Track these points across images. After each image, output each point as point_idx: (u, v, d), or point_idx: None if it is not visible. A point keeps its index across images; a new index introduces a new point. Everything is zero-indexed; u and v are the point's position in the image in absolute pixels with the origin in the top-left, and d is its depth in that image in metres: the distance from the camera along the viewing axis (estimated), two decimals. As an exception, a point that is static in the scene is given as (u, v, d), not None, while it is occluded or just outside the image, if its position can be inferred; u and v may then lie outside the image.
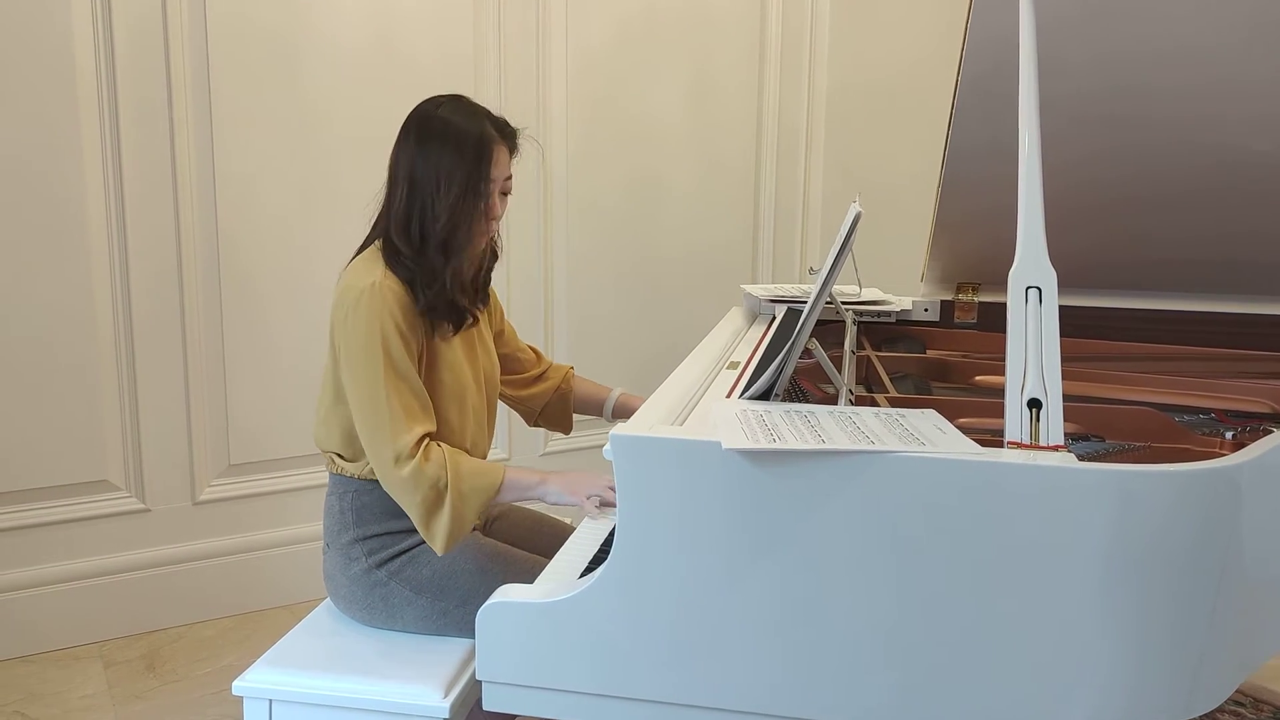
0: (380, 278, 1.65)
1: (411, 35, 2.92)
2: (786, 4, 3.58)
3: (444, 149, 1.67)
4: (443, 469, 1.61)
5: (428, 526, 1.63)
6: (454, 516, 1.62)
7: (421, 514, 1.62)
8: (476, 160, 1.67)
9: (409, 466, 1.60)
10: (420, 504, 1.61)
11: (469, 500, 1.62)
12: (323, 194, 2.85)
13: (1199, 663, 1.20)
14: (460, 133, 1.67)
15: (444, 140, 1.67)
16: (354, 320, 1.63)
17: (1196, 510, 1.16)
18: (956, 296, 2.34)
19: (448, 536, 1.63)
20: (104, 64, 2.53)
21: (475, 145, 1.67)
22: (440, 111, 1.71)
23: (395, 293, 1.64)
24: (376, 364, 1.61)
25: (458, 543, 1.66)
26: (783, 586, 1.21)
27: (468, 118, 1.70)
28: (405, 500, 1.63)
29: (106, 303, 2.62)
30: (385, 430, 1.61)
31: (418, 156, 1.68)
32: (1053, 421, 1.23)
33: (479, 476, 1.64)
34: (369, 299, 1.62)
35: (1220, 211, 1.97)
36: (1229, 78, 1.74)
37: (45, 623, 2.63)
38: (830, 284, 1.44)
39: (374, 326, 1.61)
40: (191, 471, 2.78)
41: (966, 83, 1.83)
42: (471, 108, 1.73)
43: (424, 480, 1.60)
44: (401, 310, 1.64)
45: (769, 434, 1.24)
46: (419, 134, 1.70)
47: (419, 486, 1.60)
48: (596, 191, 3.35)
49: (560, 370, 2.08)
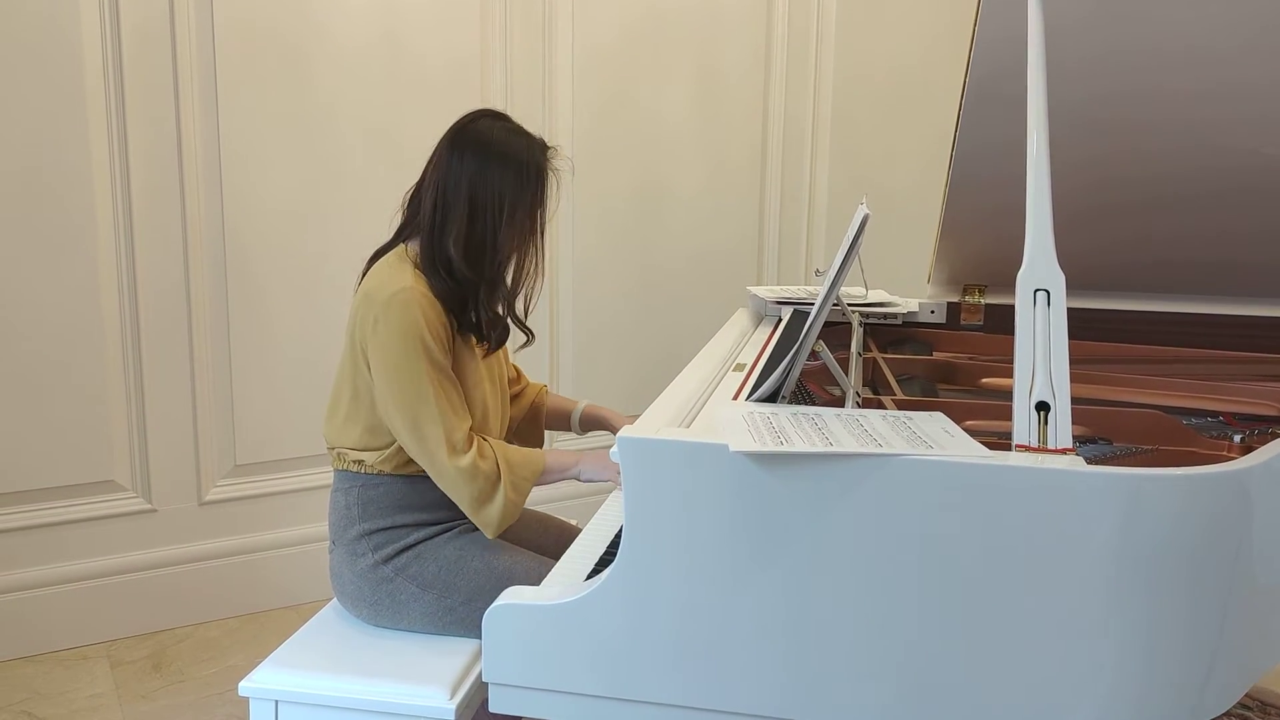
0: (411, 282, 1.67)
1: (418, 35, 2.93)
2: (792, 5, 3.57)
3: (505, 173, 1.70)
4: (494, 463, 1.68)
5: (479, 513, 1.69)
6: (508, 502, 1.68)
7: (473, 503, 1.68)
8: (537, 190, 1.73)
9: (466, 459, 1.65)
10: (475, 494, 1.67)
11: (521, 487, 1.71)
12: (329, 194, 2.86)
13: (1209, 667, 1.19)
14: (521, 161, 1.71)
15: (505, 165, 1.70)
16: (386, 322, 1.64)
17: (1206, 514, 1.16)
18: (963, 298, 2.34)
19: (501, 522, 1.69)
20: (111, 65, 2.54)
21: (537, 176, 1.73)
22: (495, 135, 1.73)
23: (427, 297, 1.67)
24: (418, 363, 1.64)
25: (509, 525, 1.71)
26: (789, 589, 1.21)
27: (525, 145, 1.74)
28: (460, 491, 1.68)
29: (113, 304, 2.62)
30: (437, 426, 1.65)
31: (478, 179, 1.70)
32: (1061, 424, 1.22)
33: (526, 466, 1.72)
34: (401, 303, 1.64)
35: (1229, 213, 1.97)
36: (1236, 80, 1.73)
37: (52, 623, 2.64)
38: (838, 286, 1.44)
39: (409, 328, 1.63)
40: (198, 472, 2.79)
41: (974, 84, 1.82)
42: (521, 130, 1.77)
43: (479, 473, 1.66)
44: (434, 313, 1.67)
45: (776, 436, 1.23)
46: (478, 153, 1.71)
47: (474, 479, 1.66)
48: (602, 192, 3.35)
49: (535, 388, 2.09)
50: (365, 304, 1.68)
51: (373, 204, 1.75)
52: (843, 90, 3.69)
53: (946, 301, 2.34)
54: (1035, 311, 1.29)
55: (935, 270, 2.30)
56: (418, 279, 1.68)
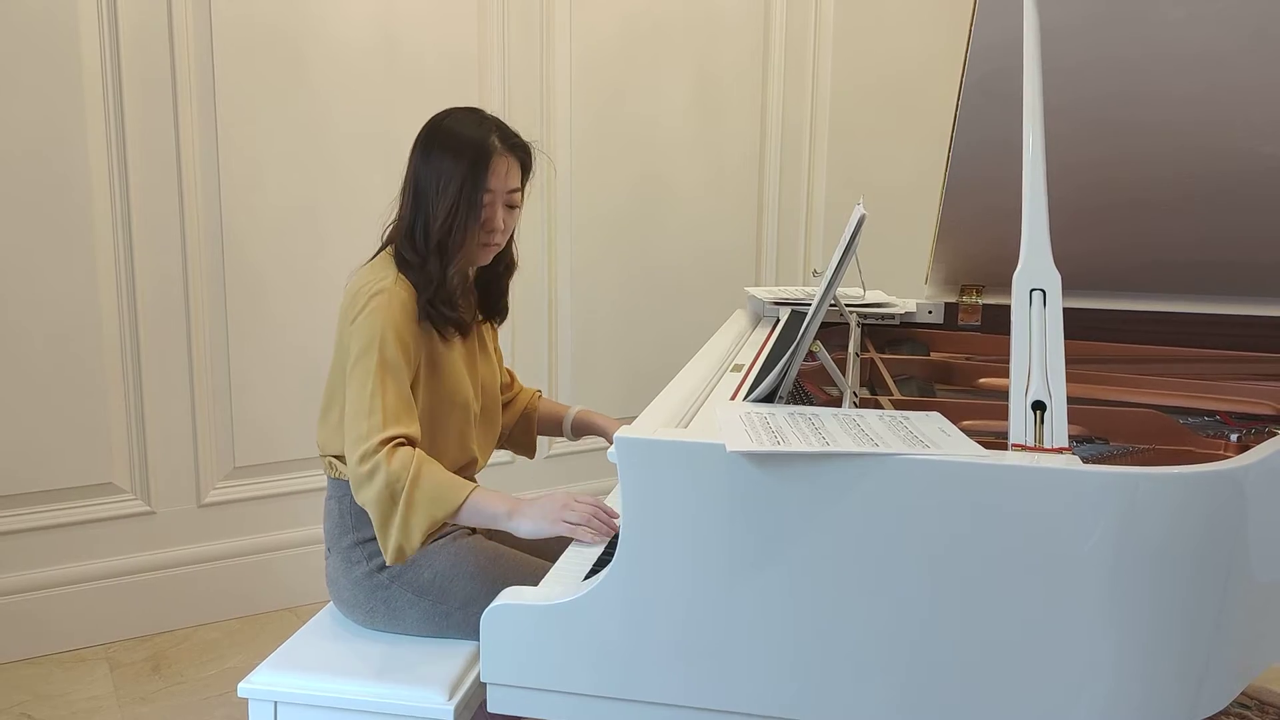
0: (391, 283, 1.66)
1: (416, 36, 2.93)
2: (790, 6, 3.58)
3: (444, 155, 1.67)
4: (405, 470, 1.55)
5: (383, 532, 1.57)
6: (402, 524, 1.55)
7: (377, 516, 1.57)
8: (473, 168, 1.66)
9: (371, 462, 1.56)
10: (375, 502, 1.56)
11: (419, 510, 1.55)
12: (328, 195, 2.86)
13: (1205, 664, 1.20)
14: (461, 141, 1.68)
15: (445, 147, 1.68)
16: (359, 321, 1.64)
17: (1202, 512, 1.16)
18: (960, 299, 2.35)
19: (396, 547, 1.57)
20: (109, 65, 2.54)
21: (474, 153, 1.67)
22: (447, 121, 1.72)
23: (404, 299, 1.66)
24: (370, 362, 1.62)
25: (406, 557, 1.58)
26: (786, 588, 1.22)
27: (473, 127, 1.70)
28: (365, 499, 1.58)
29: (112, 306, 2.62)
30: (362, 426, 1.59)
31: (421, 164, 1.70)
32: (1057, 424, 1.23)
33: (439, 489, 1.56)
34: (377, 303, 1.64)
35: (1225, 214, 1.97)
36: (1233, 83, 1.74)
37: (51, 625, 2.64)
38: (834, 287, 1.44)
39: (374, 328, 1.62)
40: (197, 474, 2.79)
41: (970, 86, 1.83)
42: (481, 118, 1.73)
43: (381, 477, 1.54)
44: (408, 317, 1.66)
45: (773, 436, 1.24)
46: (425, 141, 1.71)
47: (375, 484, 1.55)
48: (601, 194, 3.35)
49: (527, 393, 2.08)
50: (350, 303, 1.69)
51: (371, 204, 1.74)
52: (840, 91, 3.70)
53: (944, 302, 2.35)
54: (1031, 311, 1.29)
55: (933, 271, 2.31)
56: (399, 280, 1.67)
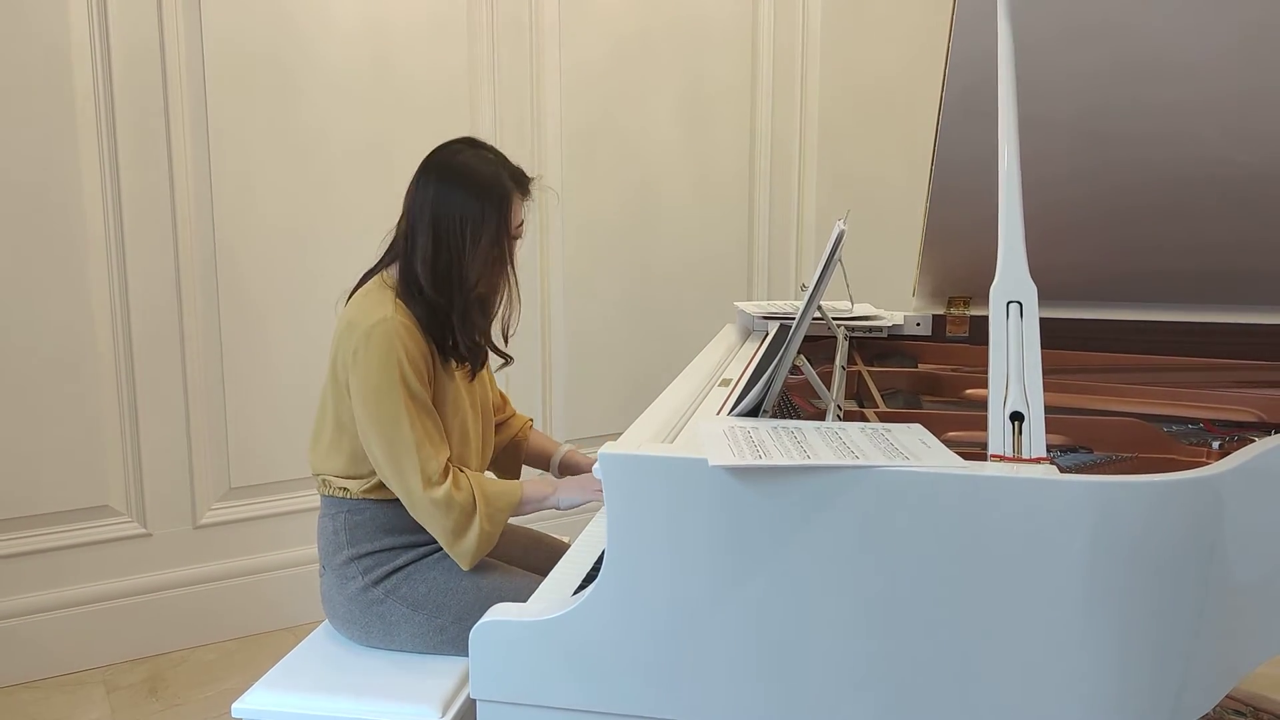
0: (391, 311, 1.68)
1: (406, 55, 2.96)
2: (777, 20, 3.61)
3: (468, 199, 1.71)
4: (470, 495, 1.69)
5: (455, 545, 1.70)
6: (483, 534, 1.70)
7: (449, 535, 1.69)
8: (500, 214, 1.73)
9: (441, 490, 1.66)
10: (451, 526, 1.68)
11: (496, 519, 1.72)
12: (321, 215, 2.88)
13: (1186, 668, 1.21)
14: (483, 184, 1.72)
15: (467, 189, 1.72)
16: (366, 354, 1.66)
17: (1177, 519, 1.17)
18: (948, 310, 2.36)
19: (476, 553, 1.70)
20: (101, 88, 2.56)
21: (500, 200, 1.73)
22: (460, 159, 1.75)
23: (407, 327, 1.68)
24: (395, 394, 1.64)
25: (484, 556, 1.73)
26: (770, 601, 1.23)
27: (489, 167, 1.75)
28: (435, 523, 1.69)
29: (106, 329, 2.64)
30: (413, 457, 1.65)
31: (440, 203, 1.72)
32: (1035, 434, 1.24)
33: (502, 496, 1.74)
34: (380, 334, 1.65)
35: (1203, 223, 1.99)
36: (1207, 91, 1.75)
37: (48, 648, 2.65)
38: (815, 302, 1.46)
39: (389, 358, 1.65)
40: (192, 496, 2.80)
41: (950, 98, 1.85)
42: (489, 155, 1.78)
43: (455, 505, 1.67)
44: (414, 344, 1.68)
45: (755, 450, 1.25)
46: (441, 180, 1.73)
47: (450, 511, 1.67)
48: (592, 208, 3.37)
49: (520, 420, 2.11)
50: (347, 334, 1.70)
51: (364, 224, 1.76)
52: (829, 104, 3.72)
53: (932, 314, 2.36)
54: (1009, 323, 1.31)
55: (920, 283, 2.32)
56: (398, 308, 1.70)
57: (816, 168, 3.75)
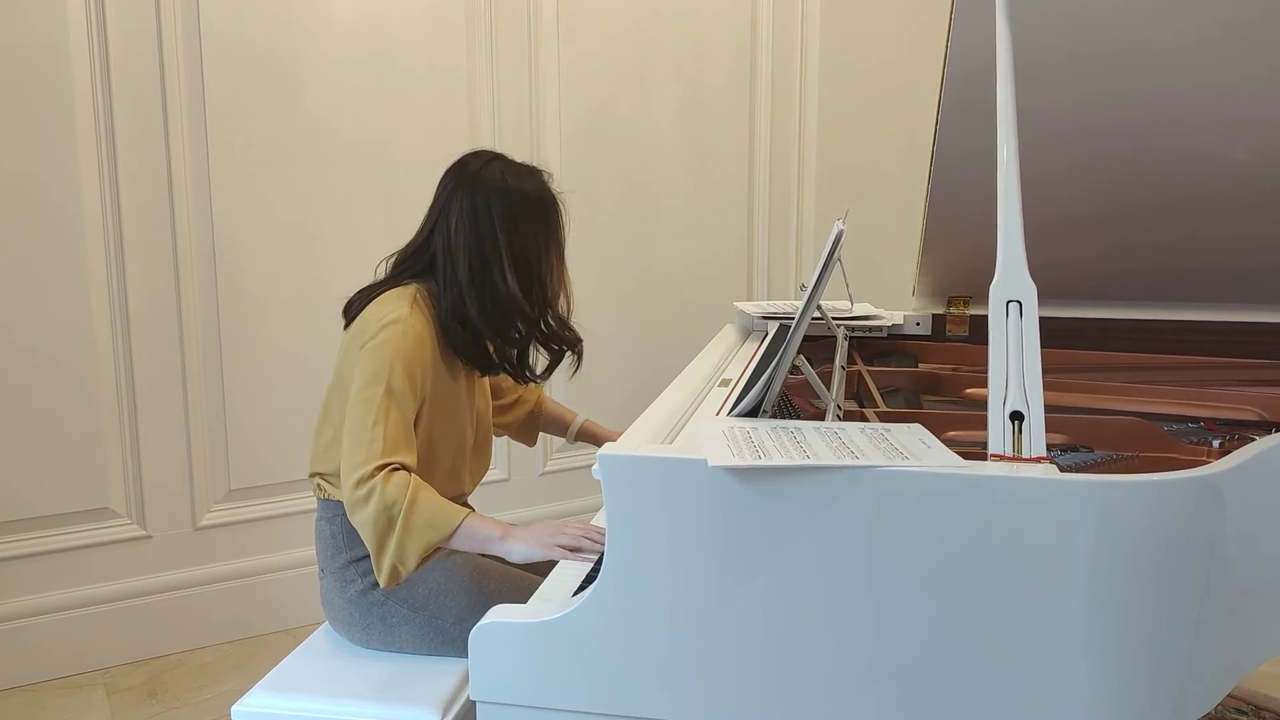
0: (406, 314, 1.68)
1: (405, 52, 2.95)
2: (776, 16, 3.60)
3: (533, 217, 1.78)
4: (401, 495, 1.55)
5: (378, 557, 1.57)
6: (397, 547, 1.55)
7: (373, 540, 1.56)
8: (559, 222, 1.84)
9: (367, 486, 1.55)
10: (371, 525, 1.55)
11: (416, 534, 1.55)
12: (321, 213, 2.87)
13: (1187, 667, 1.20)
14: (544, 200, 1.80)
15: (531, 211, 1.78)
16: (370, 348, 1.66)
17: (1177, 518, 1.17)
18: (948, 310, 2.36)
19: (389, 569, 1.57)
20: (100, 85, 2.55)
21: (556, 209, 1.83)
22: (511, 177, 1.78)
23: (419, 332, 1.68)
24: (377, 389, 1.63)
25: (399, 580, 1.59)
26: (769, 602, 1.22)
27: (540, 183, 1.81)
28: (360, 523, 1.57)
29: (105, 330, 2.63)
30: (360, 452, 1.59)
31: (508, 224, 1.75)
32: (1035, 433, 1.24)
33: (435, 513, 1.56)
34: (390, 333, 1.65)
35: (1203, 220, 1.99)
36: (1205, 84, 1.74)
37: (47, 651, 2.64)
38: (815, 301, 1.46)
39: (384, 356, 1.64)
40: (192, 497, 2.80)
41: (949, 96, 1.84)
42: (526, 167, 1.82)
43: (378, 501, 1.54)
44: (420, 349, 1.68)
45: (755, 451, 1.25)
46: (503, 200, 1.75)
47: (372, 507, 1.54)
48: (591, 206, 3.36)
49: (534, 392, 2.12)
50: (360, 329, 1.70)
51: (364, 220, 1.75)
52: (828, 100, 3.72)
53: (931, 313, 2.36)
54: (1008, 322, 1.30)
55: (919, 283, 2.32)
56: (415, 312, 1.69)
57: (816, 163, 3.75)
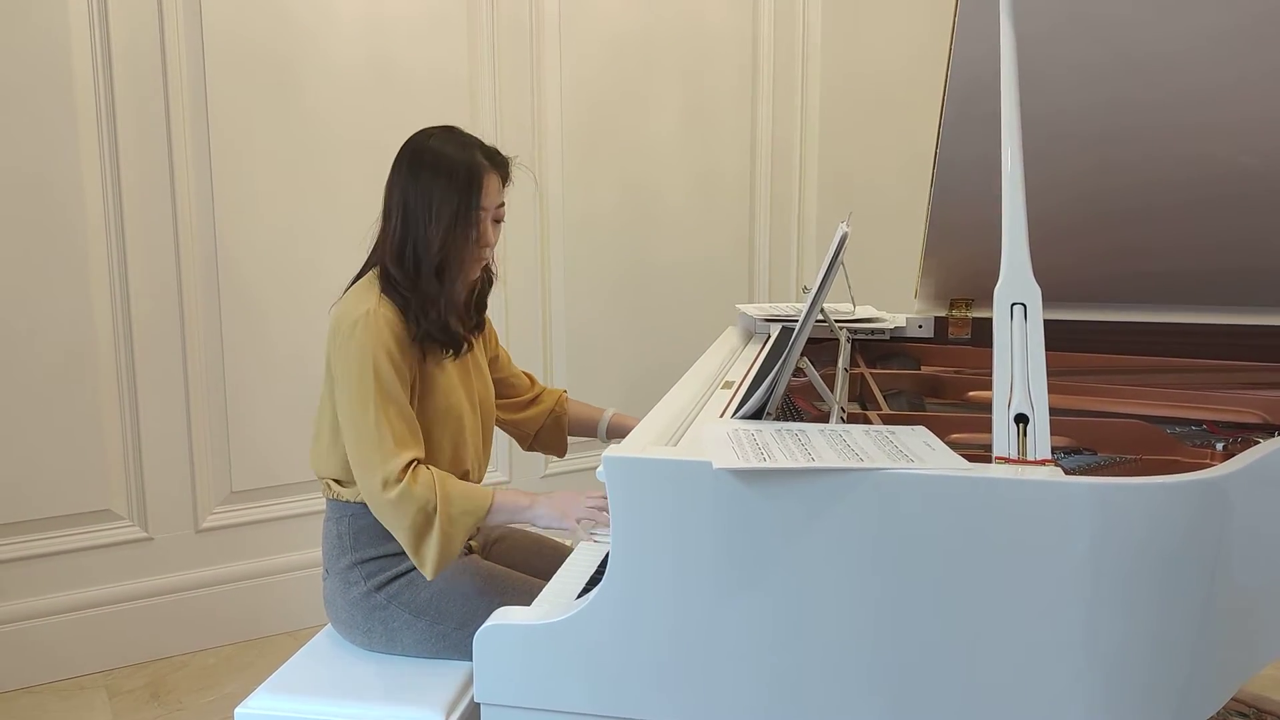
0: (374, 305, 1.67)
1: (406, 53, 2.96)
2: (778, 19, 3.61)
3: (435, 178, 1.69)
4: (431, 491, 1.62)
5: (417, 551, 1.63)
6: (442, 539, 1.62)
7: (410, 538, 1.62)
8: (467, 189, 1.70)
9: (396, 490, 1.61)
10: (409, 528, 1.61)
11: (458, 523, 1.63)
12: (323, 214, 2.88)
13: (1190, 671, 1.20)
14: (451, 162, 1.70)
15: (435, 170, 1.70)
16: (348, 348, 1.65)
17: (1182, 522, 1.17)
18: (950, 313, 2.36)
19: (437, 560, 1.63)
20: (102, 84, 2.56)
21: (466, 174, 1.70)
22: (431, 142, 1.74)
23: (389, 320, 1.67)
24: (368, 389, 1.63)
25: (447, 567, 1.66)
26: (774, 604, 1.22)
27: (459, 148, 1.73)
28: (394, 524, 1.63)
29: (107, 330, 2.63)
30: (374, 455, 1.62)
31: (410, 186, 1.71)
32: (1039, 436, 1.24)
33: (467, 499, 1.65)
34: (363, 327, 1.64)
35: (1207, 223, 1.99)
36: (1209, 88, 1.75)
37: (50, 652, 2.64)
38: (819, 304, 1.46)
39: (366, 353, 1.63)
40: (194, 499, 2.80)
41: (952, 101, 1.85)
42: (463, 138, 1.76)
43: (412, 503, 1.60)
44: (395, 338, 1.67)
45: (760, 453, 1.25)
46: (411, 164, 1.73)
47: (407, 510, 1.61)
48: (592, 208, 3.37)
49: (554, 394, 2.10)
50: (334, 330, 1.70)
51: (366, 222, 1.75)
52: (829, 103, 3.72)
53: (934, 316, 2.36)
54: (1013, 325, 1.30)
55: (921, 285, 2.32)
56: (382, 302, 1.68)
57: (817, 168, 3.76)
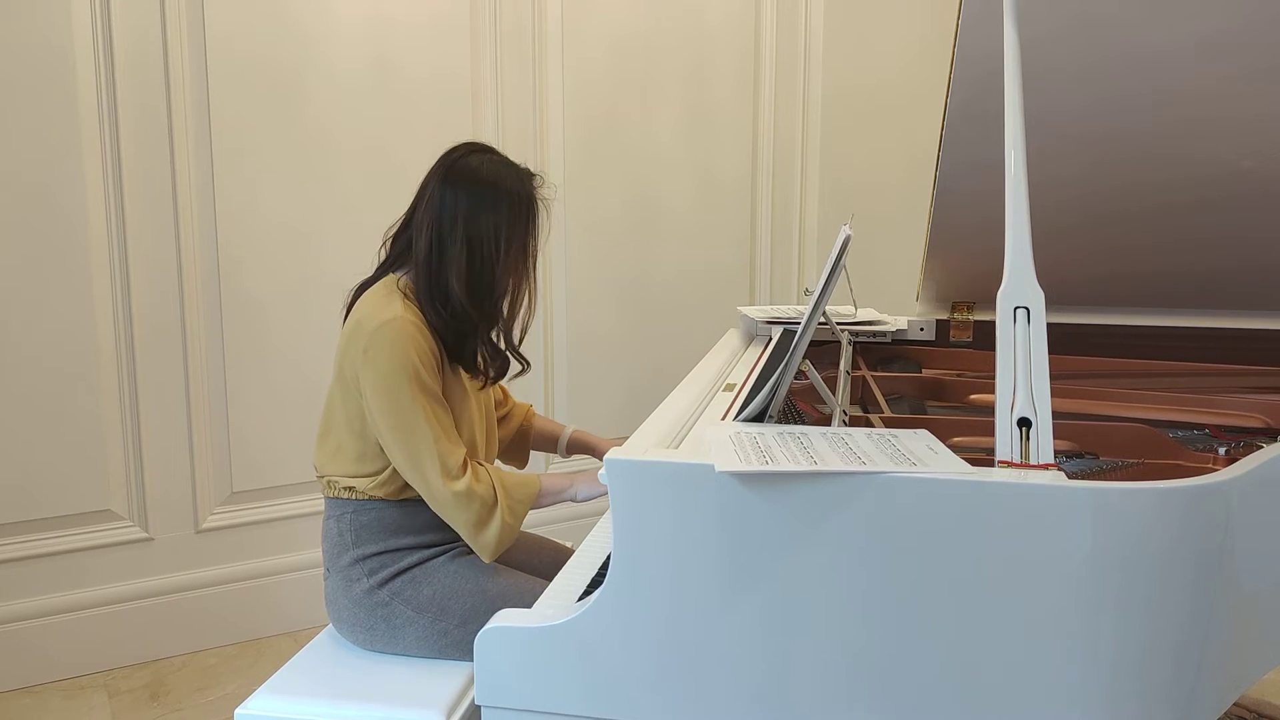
0: (400, 311, 1.68)
1: (410, 58, 2.96)
2: (780, 23, 3.61)
3: (498, 207, 1.72)
4: (490, 485, 1.70)
5: (477, 538, 1.70)
6: (504, 527, 1.70)
7: (471, 528, 1.69)
8: (529, 221, 1.76)
9: (461, 483, 1.67)
10: (472, 519, 1.69)
11: (517, 511, 1.73)
12: (324, 217, 2.88)
13: (1194, 678, 1.20)
14: (514, 194, 1.74)
15: (498, 198, 1.72)
16: (377, 351, 1.66)
17: (1185, 526, 1.17)
18: (952, 316, 2.36)
19: (498, 546, 1.71)
20: (105, 90, 2.56)
21: (529, 207, 1.75)
22: (486, 169, 1.75)
23: (416, 326, 1.69)
24: (408, 390, 1.65)
25: (506, 548, 1.73)
26: (776, 607, 1.22)
27: (513, 174, 1.76)
28: (457, 516, 1.69)
29: (109, 332, 2.64)
30: (431, 451, 1.66)
31: (473, 213, 1.71)
32: (1042, 440, 1.24)
33: (521, 487, 1.75)
34: (391, 330, 1.66)
35: (1211, 224, 1.99)
36: (1209, 85, 1.75)
37: (49, 653, 2.64)
38: (821, 306, 1.46)
39: (400, 355, 1.65)
40: (194, 500, 2.80)
41: (955, 104, 1.85)
42: (508, 162, 1.79)
43: (475, 497, 1.67)
44: (423, 342, 1.69)
45: (762, 456, 1.25)
46: (470, 189, 1.73)
47: (470, 504, 1.67)
48: (594, 211, 3.37)
49: (522, 408, 2.12)
50: (355, 333, 1.70)
51: (367, 226, 1.75)
52: (831, 107, 3.72)
53: (935, 319, 2.36)
54: (1016, 329, 1.30)
55: (923, 288, 2.32)
56: (407, 308, 1.70)
57: (819, 170, 3.76)
